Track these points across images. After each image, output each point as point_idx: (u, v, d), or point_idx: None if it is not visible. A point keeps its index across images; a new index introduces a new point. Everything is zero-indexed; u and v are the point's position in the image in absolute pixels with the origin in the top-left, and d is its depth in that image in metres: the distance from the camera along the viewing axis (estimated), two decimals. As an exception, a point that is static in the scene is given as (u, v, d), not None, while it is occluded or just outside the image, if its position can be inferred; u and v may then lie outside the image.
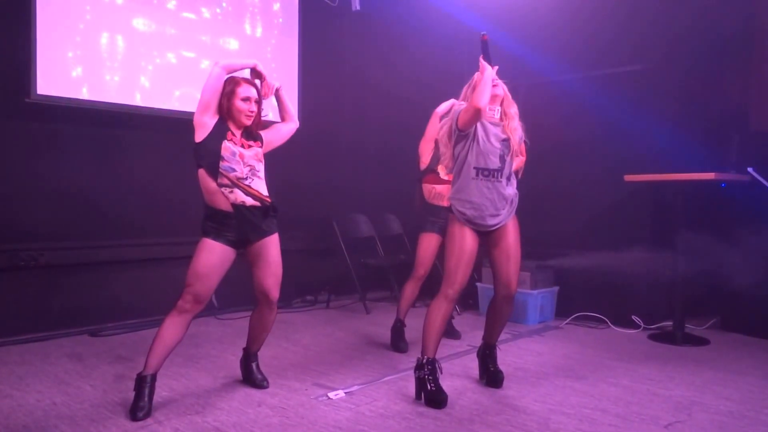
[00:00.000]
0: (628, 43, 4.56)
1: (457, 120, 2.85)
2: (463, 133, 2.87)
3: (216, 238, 2.74)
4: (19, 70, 4.02)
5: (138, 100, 4.51)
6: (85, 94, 4.26)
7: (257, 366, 3.10)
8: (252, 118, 2.84)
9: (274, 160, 5.08)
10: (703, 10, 4.26)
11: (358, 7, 5.57)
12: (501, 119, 2.93)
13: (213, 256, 2.73)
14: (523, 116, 3.06)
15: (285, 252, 5.31)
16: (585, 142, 4.73)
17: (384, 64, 5.97)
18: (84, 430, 2.48)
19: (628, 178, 4.09)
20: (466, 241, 2.87)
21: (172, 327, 2.69)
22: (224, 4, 5.03)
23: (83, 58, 4.25)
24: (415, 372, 2.88)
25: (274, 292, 2.91)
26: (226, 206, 2.73)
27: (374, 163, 6.01)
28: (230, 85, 2.81)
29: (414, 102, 4.01)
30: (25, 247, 4.03)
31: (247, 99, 2.80)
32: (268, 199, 2.87)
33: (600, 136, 4.66)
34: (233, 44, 5.10)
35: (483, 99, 2.72)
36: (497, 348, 3.16)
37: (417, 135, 3.88)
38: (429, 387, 2.79)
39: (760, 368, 3.38)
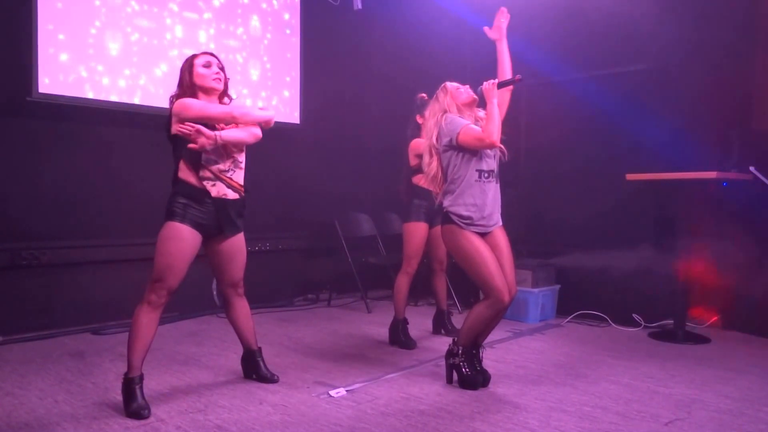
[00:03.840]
0: (630, 43, 4.56)
1: (457, 138, 2.86)
2: (459, 146, 2.90)
3: (183, 220, 2.65)
4: (21, 69, 4.03)
5: (139, 99, 4.52)
6: (86, 93, 4.27)
7: (263, 362, 3.11)
8: (220, 81, 2.79)
9: (275, 158, 5.14)
10: (704, 8, 4.26)
11: (360, 6, 5.57)
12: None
13: (184, 243, 2.65)
14: (525, 117, 3.08)
15: (287, 251, 5.43)
16: (586, 141, 4.74)
17: (386, 63, 5.97)
18: (86, 427, 2.49)
19: (629, 177, 4.09)
20: (480, 246, 2.87)
21: (148, 324, 2.65)
22: (225, 4, 5.04)
23: (85, 57, 4.26)
24: (447, 359, 3.03)
25: (242, 282, 2.99)
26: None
27: (376, 162, 6.02)
28: (188, 60, 2.79)
29: (416, 102, 4.01)
30: (27, 245, 4.04)
31: (207, 63, 2.77)
32: (243, 190, 2.84)
33: (601, 136, 4.66)
34: (236, 44, 5.11)
35: (497, 135, 2.81)
36: (484, 348, 3.15)
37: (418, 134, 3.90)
38: (465, 371, 2.96)
39: (760, 366, 3.38)
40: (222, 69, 2.82)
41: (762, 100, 4.19)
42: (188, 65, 2.79)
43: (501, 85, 2.92)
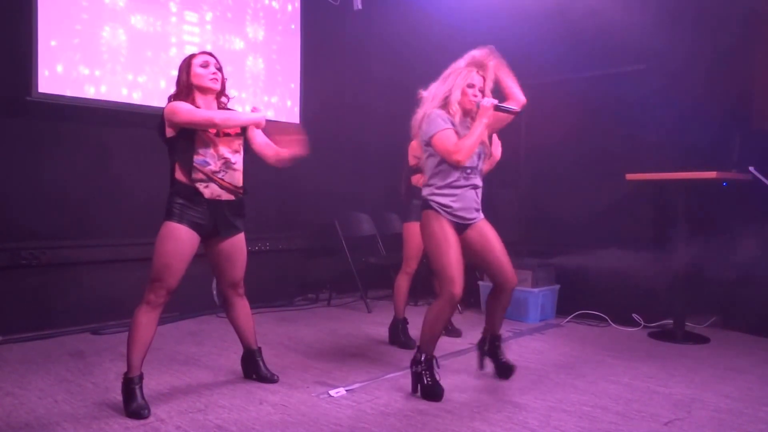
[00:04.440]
0: (629, 43, 4.56)
1: (431, 139, 2.85)
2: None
3: (180, 220, 2.65)
4: (20, 69, 4.03)
5: (139, 99, 4.52)
6: (86, 92, 4.27)
7: (263, 361, 3.11)
8: (217, 81, 2.78)
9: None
10: (704, 8, 4.26)
11: (360, 6, 5.57)
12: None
13: (181, 243, 2.65)
14: (525, 116, 3.08)
15: (287, 251, 5.44)
16: (586, 141, 4.74)
17: (385, 63, 5.97)
18: (86, 427, 2.49)
19: (629, 176, 4.09)
20: (449, 235, 2.85)
21: (147, 324, 2.65)
22: (226, 4, 5.04)
23: (84, 57, 4.25)
24: (411, 367, 2.92)
25: (242, 282, 2.98)
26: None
27: (376, 162, 6.02)
28: (186, 59, 2.79)
29: (416, 101, 4.00)
30: (27, 245, 4.04)
31: (205, 63, 2.76)
32: (241, 191, 2.83)
33: (601, 135, 4.66)
34: (236, 44, 5.10)
35: (468, 157, 2.79)
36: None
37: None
38: (426, 381, 2.84)
39: (760, 366, 3.38)
40: (219, 69, 2.82)
41: (761, 99, 4.20)
42: (186, 64, 2.79)
43: (498, 108, 2.87)
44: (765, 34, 4.19)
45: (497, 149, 3.18)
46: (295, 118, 5.56)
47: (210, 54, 2.83)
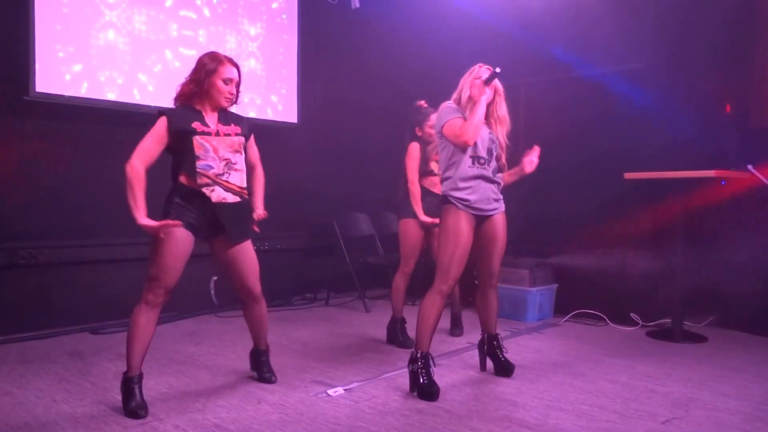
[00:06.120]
0: (628, 42, 4.56)
1: (442, 129, 2.92)
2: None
3: (175, 220, 2.63)
4: (18, 68, 4.02)
5: (137, 97, 4.52)
6: (83, 91, 4.26)
7: (267, 361, 3.11)
8: (231, 101, 2.77)
9: (273, 158, 5.13)
10: (703, 6, 4.27)
11: (358, 5, 5.57)
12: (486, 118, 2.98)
13: (178, 244, 2.64)
14: (524, 115, 3.09)
15: (285, 250, 5.44)
16: (584, 139, 4.73)
17: (384, 62, 5.97)
18: (84, 427, 2.49)
19: (627, 175, 4.09)
20: (462, 233, 2.88)
21: (146, 324, 2.64)
22: (224, 3, 5.04)
23: (82, 56, 4.25)
24: (408, 366, 2.94)
25: (257, 287, 2.93)
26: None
27: (374, 162, 6.02)
28: (213, 62, 2.71)
29: (414, 99, 3.99)
30: (25, 245, 4.03)
31: (229, 80, 2.73)
32: (246, 192, 2.82)
33: (600, 134, 4.66)
34: (233, 43, 5.10)
35: (474, 136, 2.82)
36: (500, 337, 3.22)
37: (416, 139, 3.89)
38: (422, 380, 2.85)
39: (758, 365, 3.39)
40: (238, 85, 2.78)
41: (760, 98, 4.20)
42: (212, 71, 2.70)
43: (487, 82, 2.89)
44: (764, 33, 4.20)
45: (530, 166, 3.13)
46: (293, 117, 5.56)
47: (237, 67, 2.77)
